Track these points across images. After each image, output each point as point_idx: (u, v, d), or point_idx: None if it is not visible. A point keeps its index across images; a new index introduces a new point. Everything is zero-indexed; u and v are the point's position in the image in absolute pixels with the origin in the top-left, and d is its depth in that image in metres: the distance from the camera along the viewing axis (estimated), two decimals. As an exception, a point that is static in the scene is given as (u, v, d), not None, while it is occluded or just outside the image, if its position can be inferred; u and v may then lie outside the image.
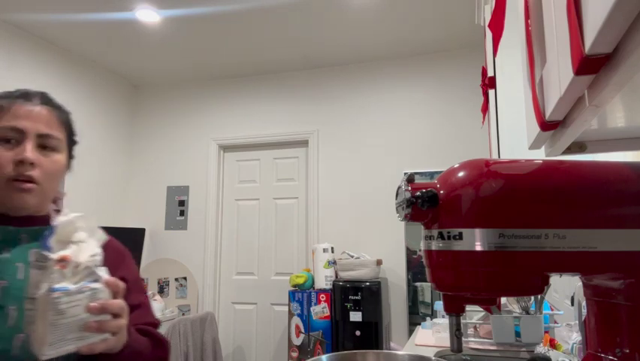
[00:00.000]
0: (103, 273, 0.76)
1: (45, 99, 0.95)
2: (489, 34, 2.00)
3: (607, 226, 0.52)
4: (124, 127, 4.52)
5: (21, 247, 0.89)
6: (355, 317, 3.50)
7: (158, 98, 4.68)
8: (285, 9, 3.32)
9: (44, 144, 0.91)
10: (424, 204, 0.54)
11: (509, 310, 1.66)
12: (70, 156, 1.02)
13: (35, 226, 0.92)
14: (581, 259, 0.52)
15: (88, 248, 0.74)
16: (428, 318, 2.08)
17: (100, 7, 3.24)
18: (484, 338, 1.71)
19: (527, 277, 0.53)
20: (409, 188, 0.56)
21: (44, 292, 0.69)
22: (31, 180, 0.88)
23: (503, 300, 1.68)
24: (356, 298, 3.53)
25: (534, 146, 0.72)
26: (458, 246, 0.53)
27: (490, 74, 2.11)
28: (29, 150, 0.87)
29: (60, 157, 0.94)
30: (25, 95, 0.92)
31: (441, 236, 0.55)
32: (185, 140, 4.53)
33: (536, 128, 0.62)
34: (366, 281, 3.58)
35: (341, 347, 3.48)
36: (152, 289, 4.27)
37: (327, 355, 0.71)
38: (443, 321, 1.84)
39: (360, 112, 4.19)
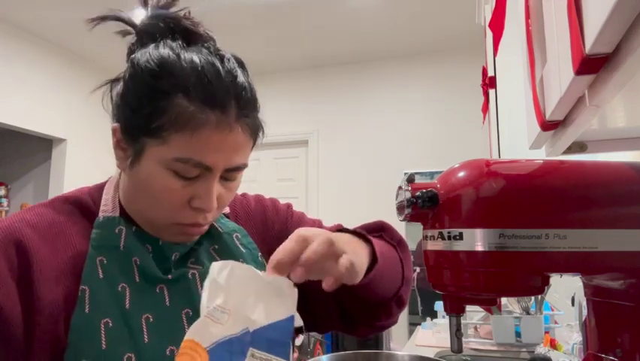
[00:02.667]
0: None
1: (244, 109, 0.62)
2: (489, 34, 1.99)
3: (608, 226, 0.52)
4: (124, 127, 4.51)
5: (200, 250, 0.70)
6: (355, 317, 3.50)
7: (158, 98, 4.68)
8: (285, 9, 3.32)
9: (229, 178, 0.65)
10: (424, 204, 0.54)
11: (510, 311, 1.66)
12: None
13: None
14: (582, 260, 0.52)
15: None
16: (428, 318, 2.08)
17: (99, 6, 3.24)
18: (484, 338, 1.71)
19: (528, 278, 0.53)
20: (409, 188, 0.55)
21: None
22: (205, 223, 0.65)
23: (504, 300, 1.68)
24: (356, 298, 3.52)
25: (535, 146, 0.72)
26: (458, 246, 0.53)
27: (490, 73, 2.11)
28: (214, 195, 0.62)
29: (241, 179, 0.69)
30: (221, 104, 0.59)
31: (441, 236, 0.55)
32: (186, 140, 4.54)
33: (537, 128, 0.62)
34: (367, 281, 3.57)
35: (341, 348, 3.48)
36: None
37: (327, 355, 0.71)
38: (443, 321, 1.84)
39: (360, 112, 4.19)
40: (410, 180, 0.57)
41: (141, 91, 0.60)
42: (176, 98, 0.58)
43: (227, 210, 0.78)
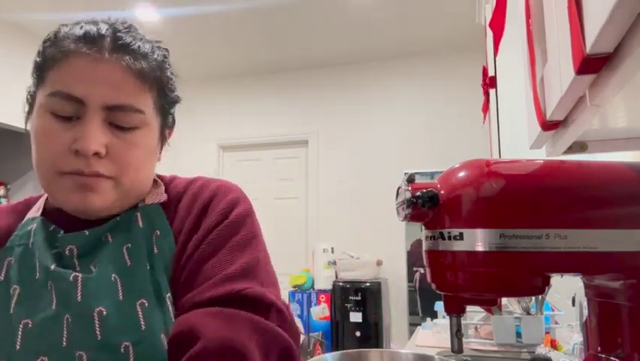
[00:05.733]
0: None
1: (119, 41, 0.61)
2: (490, 34, 1.99)
3: (608, 226, 0.52)
4: (124, 127, 4.52)
5: (109, 248, 0.62)
6: (356, 317, 3.50)
7: (158, 98, 4.68)
8: (285, 9, 3.32)
9: (117, 121, 0.60)
10: (425, 204, 0.54)
11: (510, 311, 1.66)
12: (165, 125, 0.71)
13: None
14: (582, 260, 0.52)
15: None
16: (429, 319, 2.08)
17: (99, 6, 3.24)
18: (484, 338, 1.70)
19: (528, 278, 0.53)
20: (409, 188, 0.55)
21: None
22: (97, 175, 0.59)
23: (504, 300, 1.68)
24: (356, 298, 3.53)
25: (535, 146, 0.72)
26: (459, 246, 0.53)
27: (490, 73, 2.11)
28: (92, 135, 0.58)
29: (143, 137, 0.63)
30: (90, 36, 0.60)
31: (441, 236, 0.54)
32: (185, 140, 4.53)
33: (537, 128, 0.62)
34: (367, 281, 3.57)
35: (341, 348, 3.47)
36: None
37: (332, 353, 0.71)
38: (444, 322, 1.83)
39: (360, 112, 4.19)
40: (410, 180, 0.57)
41: (37, 54, 0.63)
42: (56, 42, 0.61)
43: (164, 197, 0.69)
